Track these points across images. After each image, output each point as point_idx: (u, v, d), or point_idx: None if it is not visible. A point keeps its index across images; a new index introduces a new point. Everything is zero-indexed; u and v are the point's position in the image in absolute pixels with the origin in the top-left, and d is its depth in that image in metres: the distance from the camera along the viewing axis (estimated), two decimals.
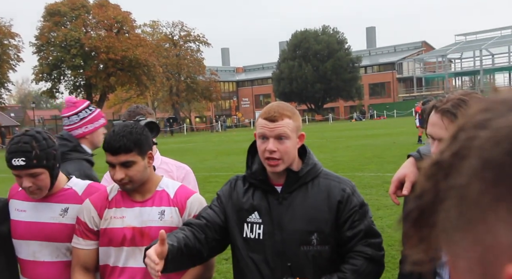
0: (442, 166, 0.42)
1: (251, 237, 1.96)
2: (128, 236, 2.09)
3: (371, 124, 39.61)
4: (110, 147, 2.03)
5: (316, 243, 1.90)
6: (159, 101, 63.51)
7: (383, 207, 7.62)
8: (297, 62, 60.64)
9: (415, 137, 18.41)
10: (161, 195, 2.17)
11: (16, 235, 2.26)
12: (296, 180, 1.95)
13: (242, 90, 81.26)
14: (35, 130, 2.17)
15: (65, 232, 2.21)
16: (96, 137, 2.96)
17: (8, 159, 2.08)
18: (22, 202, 2.28)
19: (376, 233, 1.96)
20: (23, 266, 2.28)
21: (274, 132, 1.88)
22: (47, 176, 2.15)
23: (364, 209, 1.97)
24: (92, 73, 44.72)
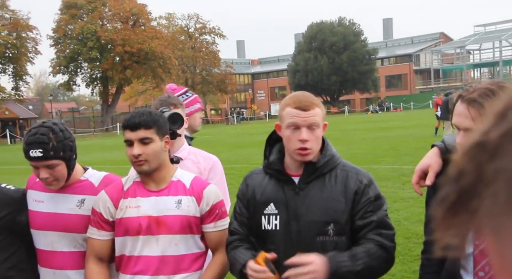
0: (487, 147, 0.39)
1: (269, 229, 1.97)
2: (144, 225, 2.09)
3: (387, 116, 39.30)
4: (130, 123, 2.06)
5: (333, 233, 1.89)
6: None
7: (400, 199, 7.56)
8: (312, 54, 60.29)
9: (432, 130, 18.22)
10: (176, 184, 2.18)
11: (34, 225, 2.29)
12: (314, 171, 1.94)
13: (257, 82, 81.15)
14: (52, 122, 2.19)
15: (82, 223, 2.22)
16: (193, 121, 3.03)
17: (26, 150, 2.10)
18: (40, 192, 2.31)
19: (388, 226, 1.95)
20: (41, 256, 2.31)
21: (307, 122, 1.87)
22: (64, 167, 2.16)
23: (379, 201, 1.95)
24: (108, 66, 45.05)
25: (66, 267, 2.25)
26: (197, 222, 2.16)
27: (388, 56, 70.68)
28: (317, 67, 59.47)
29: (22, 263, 2.34)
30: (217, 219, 2.19)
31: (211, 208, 2.18)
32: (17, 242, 2.33)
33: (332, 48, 60.22)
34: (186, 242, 2.14)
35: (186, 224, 2.12)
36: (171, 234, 2.10)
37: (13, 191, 2.36)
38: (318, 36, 60.96)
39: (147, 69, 47.07)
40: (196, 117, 3.06)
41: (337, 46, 60.12)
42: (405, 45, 74.24)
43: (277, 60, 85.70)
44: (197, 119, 3.07)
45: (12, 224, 2.29)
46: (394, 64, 69.53)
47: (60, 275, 2.25)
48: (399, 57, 69.59)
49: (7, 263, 2.29)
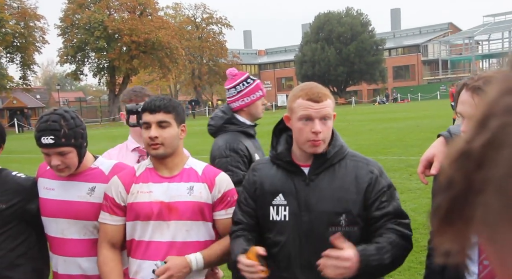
0: (472, 156, 0.39)
1: (277, 220, 1.97)
2: (155, 210, 2.11)
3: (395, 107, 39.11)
4: (150, 105, 2.10)
5: (345, 224, 1.89)
6: (181, 84, 63.79)
7: (407, 190, 7.56)
8: (319, 45, 59.94)
9: (439, 121, 18.11)
10: (189, 172, 2.20)
11: (45, 212, 2.32)
12: (323, 162, 1.94)
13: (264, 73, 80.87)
14: (63, 109, 2.20)
15: (92, 210, 2.24)
16: (254, 109, 2.99)
17: (37, 137, 2.12)
18: (51, 180, 2.33)
19: (404, 214, 1.96)
20: (52, 243, 2.34)
21: (320, 113, 1.87)
22: (75, 155, 2.18)
23: (391, 190, 1.96)
24: (115, 55, 45.06)
25: (77, 255, 2.27)
26: (209, 208, 2.18)
27: (396, 47, 70.11)
28: (324, 58, 59.14)
29: (32, 251, 2.37)
30: (229, 206, 2.21)
31: (223, 195, 2.20)
32: (27, 230, 2.36)
33: (340, 38, 59.81)
34: (197, 228, 2.16)
35: (197, 210, 2.14)
36: (182, 220, 2.12)
37: (24, 179, 2.39)
38: (325, 26, 60.54)
39: (154, 59, 47.02)
40: (258, 105, 3.01)
41: (344, 36, 59.71)
42: (413, 36, 73.61)
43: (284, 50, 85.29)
44: (259, 107, 3.01)
45: (23, 212, 2.32)
46: (402, 55, 68.97)
47: (70, 262, 2.28)
48: (407, 47, 69.01)
49: (16, 251, 2.31)
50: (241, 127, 2.91)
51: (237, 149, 2.75)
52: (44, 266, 2.44)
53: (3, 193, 2.31)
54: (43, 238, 2.38)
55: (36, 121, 2.22)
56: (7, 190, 2.32)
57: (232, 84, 2.98)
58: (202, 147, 16.31)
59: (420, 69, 67.13)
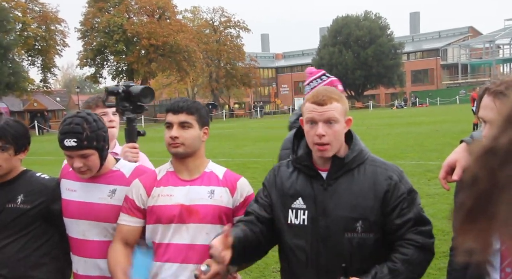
0: (497, 153, 0.39)
1: (296, 223, 1.96)
2: (176, 213, 2.13)
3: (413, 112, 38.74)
4: (174, 106, 2.15)
5: (361, 230, 1.88)
6: (198, 87, 64.08)
7: (425, 195, 7.49)
8: (337, 48, 59.73)
9: (459, 126, 17.91)
10: (209, 175, 2.22)
11: (67, 213, 2.35)
12: (341, 166, 1.93)
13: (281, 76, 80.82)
14: (86, 112, 2.23)
15: (112, 212, 2.27)
16: None
17: (60, 139, 2.16)
18: (73, 181, 2.36)
19: (426, 220, 1.92)
20: (73, 244, 2.37)
21: (323, 116, 1.88)
22: (97, 157, 2.21)
23: (412, 195, 1.93)
24: (134, 59, 45.59)
25: (97, 256, 2.29)
26: (229, 213, 2.20)
27: (415, 51, 69.50)
28: (341, 62, 58.91)
29: (54, 251, 2.41)
30: None
31: (245, 199, 2.21)
32: (51, 230, 2.40)
33: (358, 42, 59.52)
34: (216, 232, 2.14)
35: (217, 214, 2.15)
36: (202, 223, 2.14)
37: (48, 180, 2.43)
38: (343, 30, 60.30)
39: (172, 63, 47.41)
40: None
41: (362, 40, 59.40)
42: (432, 40, 72.87)
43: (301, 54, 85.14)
44: None
45: (46, 212, 2.35)
46: (421, 58, 68.33)
47: (90, 263, 2.31)
48: (425, 51, 68.37)
49: (40, 251, 2.35)
50: None
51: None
52: (67, 266, 2.47)
53: (28, 194, 2.35)
54: (65, 238, 2.41)
55: (60, 123, 2.25)
56: (31, 190, 2.36)
57: (307, 81, 3.00)
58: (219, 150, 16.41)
59: (439, 74, 66.40)
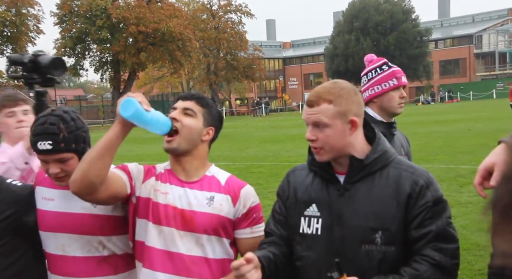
0: None
1: (308, 233, 1.97)
2: (169, 215, 2.13)
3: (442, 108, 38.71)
4: (186, 93, 2.27)
5: (381, 242, 1.87)
6: (195, 81, 64.24)
7: (457, 204, 7.47)
8: (354, 35, 59.71)
9: (496, 124, 17.88)
10: (210, 180, 2.23)
11: (43, 226, 2.33)
12: (360, 169, 1.93)
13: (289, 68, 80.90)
14: (62, 110, 2.22)
15: (97, 223, 2.26)
16: (387, 102, 2.89)
17: (33, 142, 2.15)
18: (50, 189, 2.35)
19: (451, 237, 1.89)
20: (51, 262, 2.35)
21: (310, 119, 1.93)
22: (76, 161, 2.18)
23: (440, 206, 1.90)
24: (120, 48, 45.59)
25: (79, 274, 2.28)
26: (229, 225, 2.20)
27: (444, 38, 69.44)
28: (358, 51, 58.83)
29: (28, 270, 2.39)
30: (254, 224, 2.22)
31: (249, 210, 2.21)
32: (23, 245, 2.38)
33: (377, 28, 59.50)
34: (213, 245, 2.17)
35: (216, 225, 2.15)
36: (197, 232, 2.14)
37: (20, 188, 2.41)
38: (360, 14, 60.29)
39: (164, 52, 47.44)
40: (392, 96, 2.88)
41: (382, 26, 59.37)
42: (464, 25, 72.81)
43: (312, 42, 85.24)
44: (393, 99, 2.88)
45: (18, 225, 2.33)
46: (451, 47, 68.24)
47: None
48: (457, 38, 68.28)
49: (10, 270, 2.33)
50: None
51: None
52: None
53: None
54: (41, 255, 2.40)
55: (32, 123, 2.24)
56: (1, 200, 2.34)
57: (365, 71, 2.98)
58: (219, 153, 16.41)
59: (472, 64, 66.27)
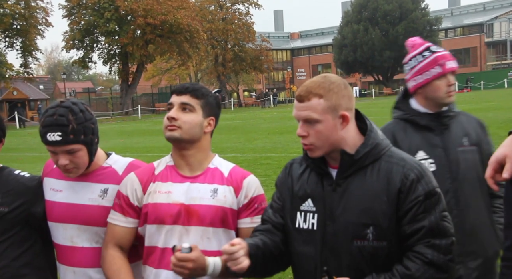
0: None
1: (304, 228, 1.97)
2: (174, 213, 2.14)
3: None
4: (179, 87, 2.21)
5: (372, 237, 1.85)
6: (203, 73, 64.30)
7: None
8: (362, 25, 59.38)
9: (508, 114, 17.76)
10: (213, 172, 2.22)
11: (51, 217, 2.35)
12: (351, 164, 1.90)
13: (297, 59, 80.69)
14: (71, 101, 2.22)
15: (105, 215, 2.27)
16: (431, 92, 2.61)
17: (43, 133, 2.15)
18: (58, 180, 2.36)
19: (444, 232, 1.85)
20: (60, 252, 2.37)
21: (300, 116, 1.90)
22: (85, 153, 2.21)
23: (432, 200, 1.85)
24: (128, 40, 45.65)
25: (87, 265, 2.30)
26: (234, 215, 2.20)
27: (454, 27, 68.90)
28: (367, 41, 58.58)
29: (37, 260, 2.41)
30: (255, 214, 2.22)
31: (250, 201, 2.21)
32: (33, 236, 2.40)
33: (386, 18, 59.12)
34: (219, 237, 2.18)
35: (220, 216, 2.16)
36: (203, 226, 2.14)
37: (28, 179, 2.43)
38: (369, 4, 59.92)
39: (172, 44, 47.49)
40: (438, 86, 2.59)
41: (392, 15, 59.00)
42: (475, 13, 72.17)
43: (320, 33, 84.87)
44: (439, 89, 2.59)
45: (27, 215, 2.35)
46: (461, 36, 67.75)
47: (80, 273, 2.31)
48: (467, 27, 67.75)
49: (20, 260, 2.35)
50: (406, 114, 2.67)
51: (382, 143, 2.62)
52: (51, 277, 2.48)
53: (5, 195, 2.35)
54: (50, 245, 2.42)
55: (41, 115, 2.25)
56: (9, 191, 2.36)
57: (406, 58, 2.72)
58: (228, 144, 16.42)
59: (483, 53, 65.77)
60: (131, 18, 46.37)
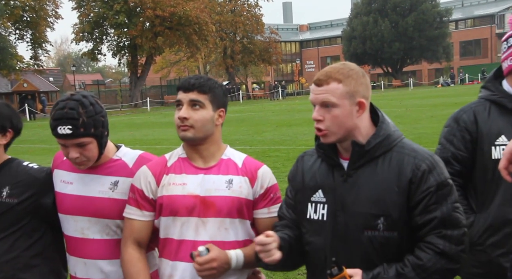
0: None
1: (314, 218, 1.99)
2: (190, 205, 2.14)
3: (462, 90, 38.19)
4: (185, 83, 2.18)
5: (383, 228, 1.86)
6: (211, 65, 64.22)
7: None
8: (372, 17, 59.03)
9: None
10: (227, 163, 2.23)
11: (62, 209, 2.36)
12: (362, 154, 1.91)
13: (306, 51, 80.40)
14: (81, 94, 2.23)
15: (115, 207, 2.28)
16: None
17: (53, 126, 2.16)
18: (68, 173, 2.38)
19: (456, 223, 1.85)
20: (70, 244, 2.39)
21: (318, 99, 1.90)
22: (95, 146, 2.22)
23: (444, 191, 1.86)
24: (137, 32, 45.66)
25: (98, 257, 2.31)
26: (249, 205, 2.21)
27: (465, 18, 68.33)
28: (377, 33, 58.24)
29: (48, 250, 2.44)
30: (271, 204, 2.23)
31: (266, 191, 2.22)
32: (42, 227, 2.43)
33: (396, 9, 58.75)
34: (236, 227, 2.19)
35: (237, 207, 2.17)
36: (220, 217, 2.15)
37: (37, 170, 2.45)
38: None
39: (180, 37, 47.44)
40: None
41: (401, 7, 58.62)
42: (486, 4, 71.46)
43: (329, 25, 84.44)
44: None
45: (37, 206, 2.38)
46: (472, 27, 67.17)
47: (91, 265, 2.32)
48: (478, 18, 67.14)
49: (31, 251, 2.38)
50: (494, 94, 2.45)
51: (459, 119, 2.50)
52: (62, 268, 2.51)
53: (14, 186, 2.37)
54: (59, 236, 2.44)
55: (52, 107, 2.26)
56: (18, 182, 2.38)
57: (505, 36, 2.51)
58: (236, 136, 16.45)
59: (494, 44, 65.17)
60: (140, 10, 46.36)
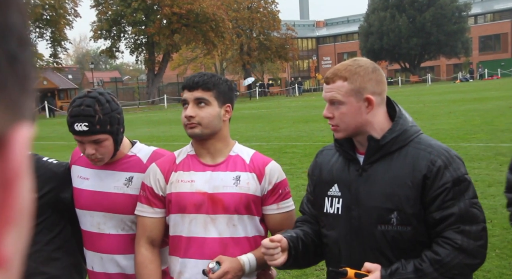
0: None
1: (330, 212, 2.02)
2: (197, 202, 2.15)
3: (481, 85, 37.78)
4: (189, 82, 2.18)
5: (396, 222, 1.88)
6: (228, 62, 64.27)
7: (496, 183, 7.32)
8: (389, 13, 58.59)
9: None
10: (235, 159, 2.23)
11: (79, 204, 2.41)
12: (377, 149, 1.93)
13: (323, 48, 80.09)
14: (98, 91, 2.26)
15: (130, 203, 2.31)
16: None
17: (70, 123, 2.19)
18: (85, 168, 2.41)
19: (474, 218, 1.84)
20: (87, 238, 2.43)
21: (326, 97, 1.95)
22: (111, 142, 2.24)
23: (461, 186, 1.85)
24: (154, 29, 45.83)
25: (114, 251, 2.35)
26: (258, 201, 2.21)
27: (484, 13, 67.45)
28: (394, 28, 57.78)
29: (68, 244, 2.49)
30: (280, 200, 2.23)
31: (274, 187, 2.22)
32: (62, 221, 2.48)
33: (414, 4, 58.20)
34: (245, 223, 2.19)
35: (245, 203, 2.17)
36: (228, 213, 2.16)
37: (56, 165, 2.49)
38: None
39: (197, 34, 47.52)
40: None
41: (419, 2, 58.05)
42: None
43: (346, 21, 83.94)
44: None
45: (56, 201, 2.42)
46: (492, 21, 66.29)
47: (108, 260, 2.36)
48: (498, 13, 66.24)
49: (52, 244, 2.43)
50: None
51: None
52: (82, 261, 2.54)
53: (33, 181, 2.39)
54: (78, 231, 2.47)
55: (69, 105, 2.28)
56: (38, 177, 2.39)
57: None
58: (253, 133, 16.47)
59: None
60: (158, 8, 46.53)
